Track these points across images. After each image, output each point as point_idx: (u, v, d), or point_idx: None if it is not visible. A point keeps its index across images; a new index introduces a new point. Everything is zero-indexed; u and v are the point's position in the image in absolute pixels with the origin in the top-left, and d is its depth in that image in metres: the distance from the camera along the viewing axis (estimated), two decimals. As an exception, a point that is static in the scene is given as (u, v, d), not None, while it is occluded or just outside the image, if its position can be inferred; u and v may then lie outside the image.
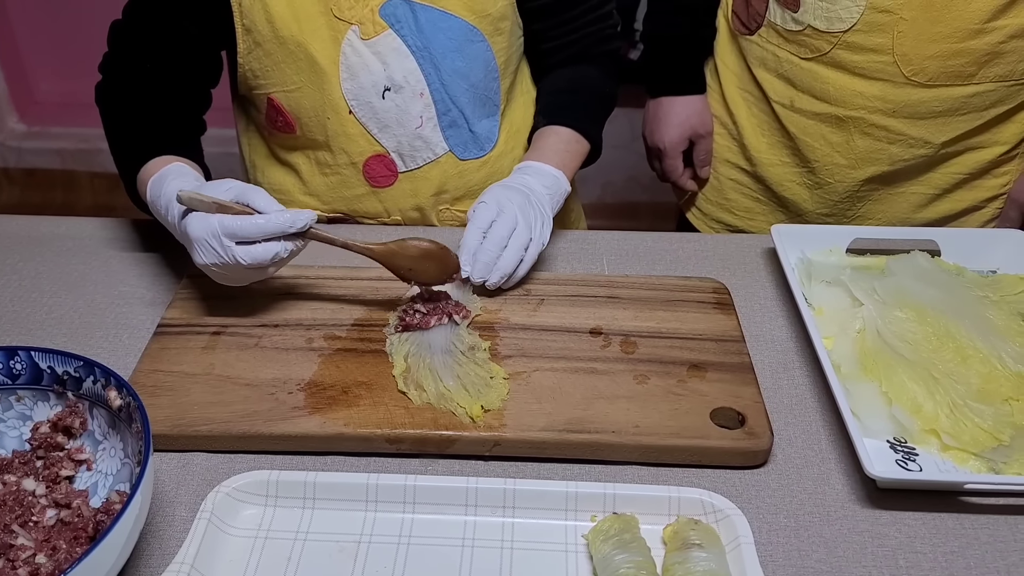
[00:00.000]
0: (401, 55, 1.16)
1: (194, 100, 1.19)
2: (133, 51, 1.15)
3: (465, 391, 0.94)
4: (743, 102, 1.39)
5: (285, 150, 1.30)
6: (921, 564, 0.82)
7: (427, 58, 1.17)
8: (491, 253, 1.04)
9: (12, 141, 3.28)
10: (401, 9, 1.14)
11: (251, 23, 1.13)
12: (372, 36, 1.15)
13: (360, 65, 1.16)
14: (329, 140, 1.22)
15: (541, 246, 1.09)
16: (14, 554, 0.76)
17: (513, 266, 1.06)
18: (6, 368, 0.86)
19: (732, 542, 0.79)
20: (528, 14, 1.22)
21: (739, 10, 1.34)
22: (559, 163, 1.17)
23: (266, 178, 1.34)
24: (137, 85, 1.14)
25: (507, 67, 1.24)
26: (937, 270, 1.10)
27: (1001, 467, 0.89)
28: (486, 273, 1.05)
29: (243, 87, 1.23)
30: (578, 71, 1.27)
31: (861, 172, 1.31)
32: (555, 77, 1.28)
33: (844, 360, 0.99)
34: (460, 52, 1.18)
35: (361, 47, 1.15)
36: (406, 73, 1.17)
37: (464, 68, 1.19)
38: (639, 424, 0.91)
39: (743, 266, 1.20)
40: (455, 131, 1.24)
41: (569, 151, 1.21)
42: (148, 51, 1.14)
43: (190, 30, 1.13)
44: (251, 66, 1.18)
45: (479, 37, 1.18)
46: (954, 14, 1.15)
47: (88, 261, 1.18)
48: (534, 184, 1.13)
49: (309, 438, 0.90)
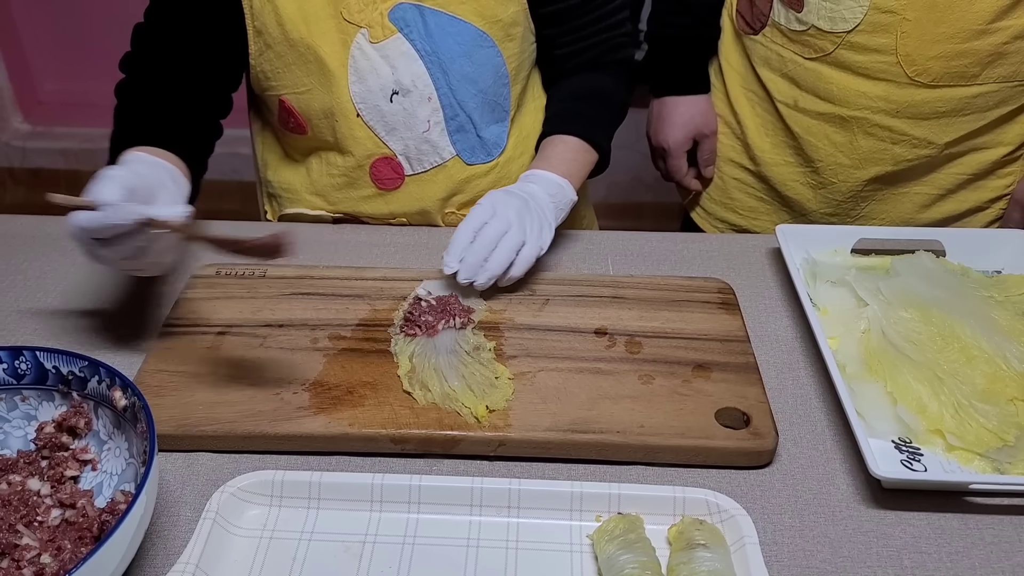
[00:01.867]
0: (409, 59, 1.16)
1: (212, 103, 1.20)
2: (155, 53, 1.15)
3: (470, 391, 0.94)
4: (747, 102, 1.39)
5: (297, 150, 1.30)
6: (926, 564, 0.81)
7: (435, 62, 1.17)
8: (478, 254, 1.04)
9: (17, 141, 3.28)
10: (411, 13, 1.14)
11: (262, 25, 1.14)
12: (381, 39, 1.15)
13: (369, 68, 1.16)
14: (338, 142, 1.23)
15: (539, 251, 1.08)
16: (19, 554, 0.76)
17: (502, 267, 1.05)
18: (11, 368, 0.86)
19: (737, 542, 0.79)
20: (541, 20, 1.22)
21: (743, 10, 1.34)
22: (565, 172, 1.16)
23: (276, 176, 1.34)
24: (158, 83, 1.14)
25: (518, 73, 1.24)
26: (942, 270, 1.10)
27: (1006, 467, 0.89)
28: (472, 274, 1.04)
29: (256, 88, 1.24)
30: (590, 79, 1.27)
31: (865, 172, 1.31)
32: (566, 85, 1.28)
33: (849, 360, 0.99)
34: (469, 57, 1.18)
35: (370, 50, 1.15)
36: (414, 77, 1.17)
37: (473, 73, 1.19)
38: (644, 424, 0.91)
39: (748, 266, 1.20)
40: (462, 136, 1.24)
41: (577, 160, 1.20)
42: (170, 53, 1.15)
43: (207, 30, 1.14)
44: (262, 68, 1.18)
45: (489, 43, 1.18)
46: (958, 15, 1.15)
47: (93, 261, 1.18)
48: (538, 191, 1.12)
49: (314, 438, 0.90)
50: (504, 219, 1.05)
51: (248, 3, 1.13)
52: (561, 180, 1.15)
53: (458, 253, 1.05)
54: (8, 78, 3.19)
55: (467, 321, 1.04)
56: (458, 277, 1.05)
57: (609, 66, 1.28)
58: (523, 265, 1.07)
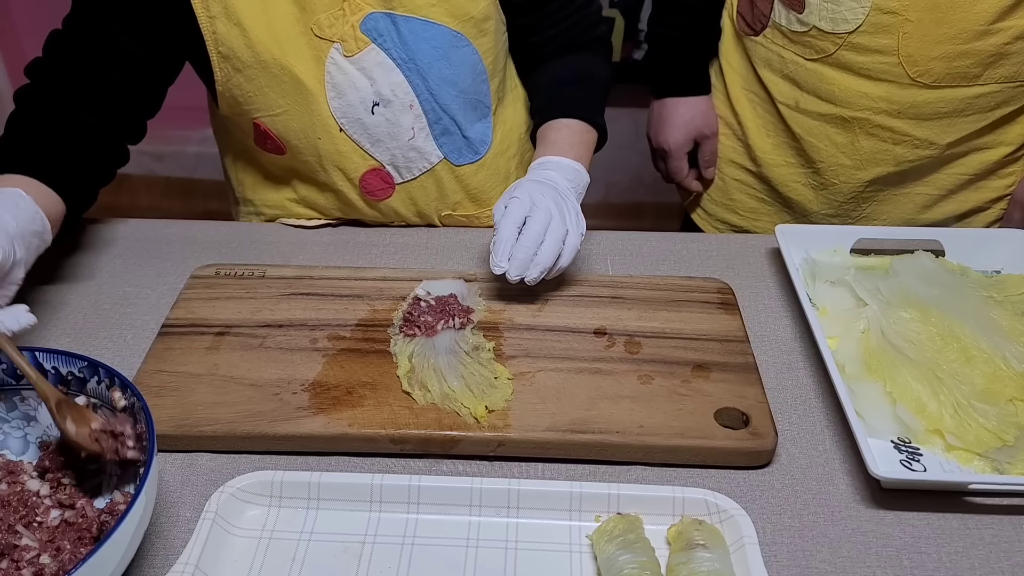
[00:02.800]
0: (387, 69, 1.14)
1: (124, 128, 1.15)
2: (69, 65, 1.09)
3: (469, 391, 0.94)
4: (748, 103, 1.39)
5: (279, 169, 1.28)
6: (925, 564, 0.81)
7: (413, 69, 1.15)
8: (528, 249, 1.01)
9: (16, 142, 3.28)
10: (382, 23, 1.12)
11: (228, 50, 1.10)
12: (355, 52, 1.12)
13: (346, 83, 1.14)
14: (322, 160, 1.20)
15: (580, 236, 1.06)
16: (18, 555, 0.76)
17: (552, 259, 1.02)
18: (10, 368, 0.86)
19: (736, 542, 0.79)
20: (514, 9, 1.20)
21: (744, 11, 1.34)
22: (577, 156, 1.16)
23: (257, 195, 1.32)
24: (64, 100, 1.08)
25: (495, 67, 1.23)
26: (941, 270, 1.10)
27: (1005, 467, 0.89)
28: (523, 270, 1.02)
29: (225, 110, 1.19)
30: (575, 60, 1.26)
31: (866, 173, 1.31)
32: (552, 69, 1.27)
33: (848, 360, 0.99)
34: (446, 59, 1.16)
35: (345, 64, 1.13)
36: (393, 87, 1.15)
37: (452, 75, 1.17)
38: (643, 424, 0.91)
39: (747, 266, 1.20)
40: (448, 138, 1.23)
41: (583, 142, 1.20)
42: (86, 68, 1.08)
43: (136, 53, 1.09)
44: (231, 93, 1.14)
45: (464, 42, 1.16)
46: (960, 15, 1.15)
47: (92, 261, 1.19)
48: (558, 178, 1.11)
49: (313, 438, 0.90)
50: (545, 210, 1.03)
51: (210, 29, 1.08)
52: (575, 164, 1.15)
53: (506, 251, 1.02)
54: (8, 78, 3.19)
55: (466, 321, 1.04)
56: (509, 275, 1.02)
57: (589, 44, 1.27)
58: (570, 254, 1.05)
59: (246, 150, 1.28)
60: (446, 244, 1.24)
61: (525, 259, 1.02)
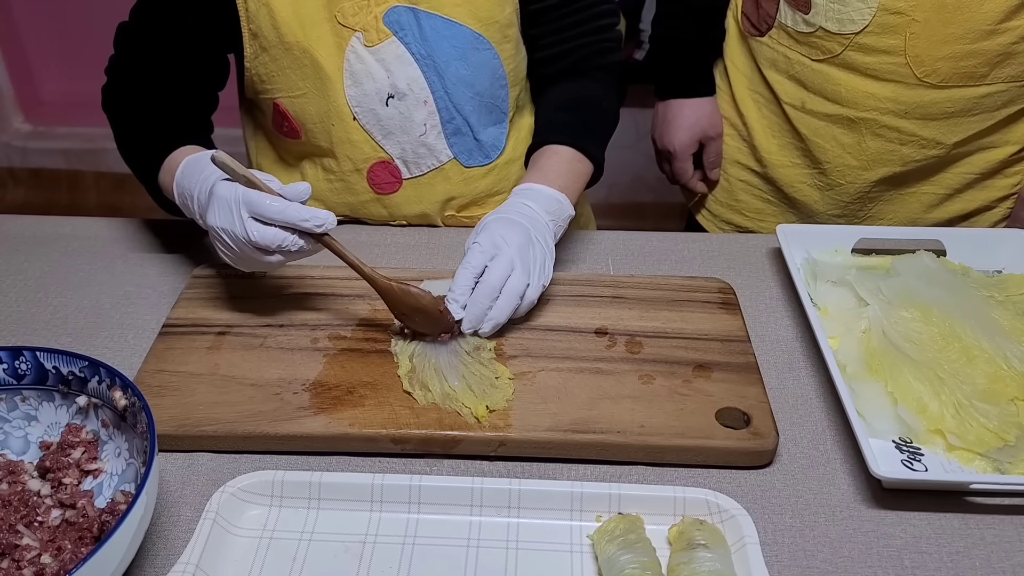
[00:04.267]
0: (405, 63, 1.15)
1: (201, 102, 1.19)
2: (140, 53, 1.15)
3: (470, 391, 0.94)
4: (753, 103, 1.38)
5: (291, 155, 1.29)
6: (927, 564, 0.81)
7: (431, 66, 1.16)
8: (481, 305, 0.98)
9: (17, 141, 3.29)
10: (405, 16, 1.13)
11: (257, 28, 1.13)
12: (376, 43, 1.14)
13: (364, 72, 1.15)
14: (334, 146, 1.21)
15: (541, 288, 1.03)
16: (19, 554, 0.76)
17: (507, 316, 0.99)
18: (11, 368, 0.86)
19: (737, 542, 0.79)
20: (527, 18, 1.20)
21: (749, 12, 1.34)
22: (562, 185, 1.11)
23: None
24: (144, 87, 1.14)
25: (516, 74, 1.22)
26: (942, 270, 1.10)
27: (1007, 467, 0.89)
28: (476, 324, 1.00)
29: (250, 91, 1.23)
30: (576, 87, 1.23)
31: (872, 173, 1.31)
32: (554, 93, 1.24)
33: (849, 360, 0.99)
34: (465, 60, 1.16)
35: (365, 54, 1.14)
36: (410, 81, 1.16)
37: (469, 76, 1.17)
38: (644, 424, 0.91)
39: (748, 266, 1.20)
40: (459, 139, 1.23)
41: (572, 172, 1.14)
42: (155, 53, 1.14)
43: (197, 31, 1.13)
44: (257, 71, 1.17)
45: (485, 45, 1.16)
46: (966, 15, 1.15)
47: (93, 261, 1.19)
48: (536, 212, 1.07)
49: (314, 438, 0.90)
50: (506, 261, 0.99)
51: (244, 6, 1.12)
52: (559, 195, 1.10)
53: (460, 299, 0.99)
54: (9, 78, 3.19)
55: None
56: (462, 327, 1.00)
57: (595, 71, 1.24)
58: (527, 307, 1.02)
59: (266, 135, 1.30)
60: (447, 244, 1.24)
61: (479, 314, 0.99)
